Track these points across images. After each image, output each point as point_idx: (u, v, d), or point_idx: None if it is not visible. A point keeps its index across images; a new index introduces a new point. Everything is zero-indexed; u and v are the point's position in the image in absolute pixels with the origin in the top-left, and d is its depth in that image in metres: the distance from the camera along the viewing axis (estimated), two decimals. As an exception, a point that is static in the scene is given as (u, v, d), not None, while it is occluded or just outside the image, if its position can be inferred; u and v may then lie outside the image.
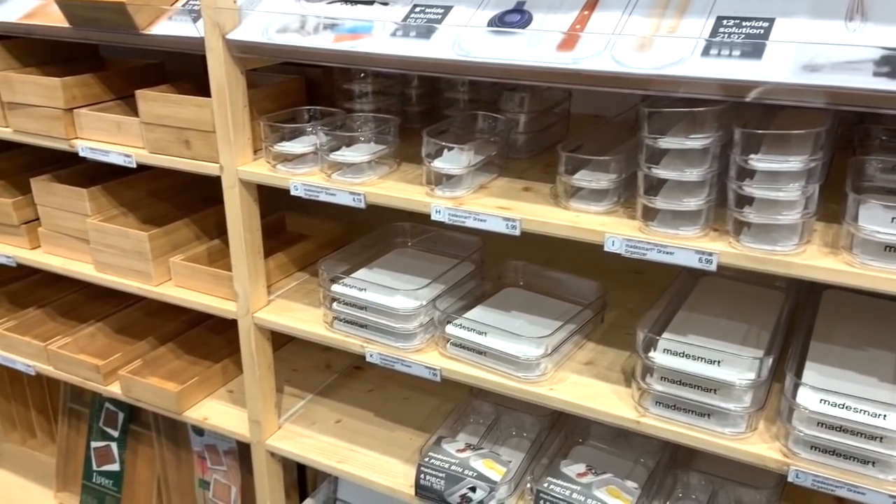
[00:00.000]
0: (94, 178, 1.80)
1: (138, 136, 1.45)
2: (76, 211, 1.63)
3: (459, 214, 1.16)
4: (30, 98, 1.51)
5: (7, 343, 1.85)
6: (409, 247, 1.59)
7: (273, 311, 1.47)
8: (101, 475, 2.13)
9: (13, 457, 2.41)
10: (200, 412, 1.66)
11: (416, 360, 1.30)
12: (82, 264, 1.67)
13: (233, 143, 1.33)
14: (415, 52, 1.11)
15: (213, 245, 1.66)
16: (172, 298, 1.55)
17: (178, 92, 1.46)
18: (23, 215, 1.73)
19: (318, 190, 1.28)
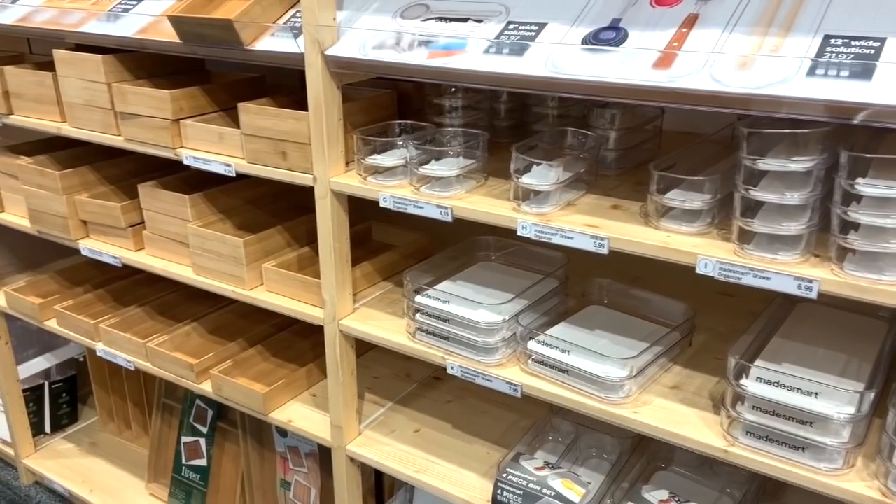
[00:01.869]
0: (195, 185, 1.89)
1: (238, 147, 1.52)
2: (178, 216, 1.72)
3: (546, 231, 1.16)
4: (141, 109, 1.60)
5: (110, 339, 1.97)
6: (492, 260, 1.59)
7: (358, 319, 1.51)
8: (190, 469, 2.22)
9: (109, 446, 2.55)
10: (285, 414, 1.71)
11: (497, 375, 1.31)
12: (182, 267, 1.75)
13: (327, 155, 1.38)
14: (508, 69, 1.12)
15: (302, 252, 1.72)
16: (263, 303, 1.61)
17: (277, 105, 1.52)
18: (129, 219, 1.83)
19: (407, 203, 1.30)
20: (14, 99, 1.89)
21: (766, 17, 1.03)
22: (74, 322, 2.03)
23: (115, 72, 1.66)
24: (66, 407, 2.64)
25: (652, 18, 1.09)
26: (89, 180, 1.93)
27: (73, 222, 1.89)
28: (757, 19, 1.03)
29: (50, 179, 1.87)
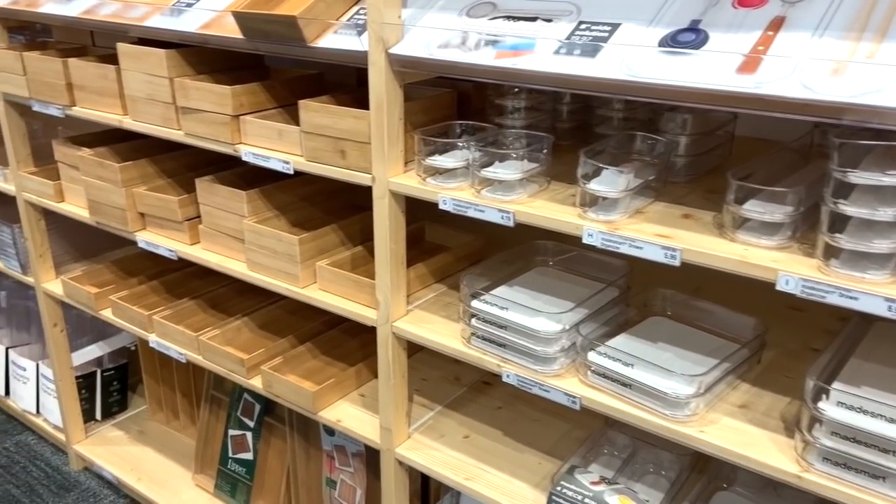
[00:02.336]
0: (251, 181, 1.89)
1: (297, 144, 1.51)
2: (234, 212, 1.72)
3: (613, 240, 1.12)
4: (202, 104, 1.60)
5: (163, 330, 1.98)
6: (550, 266, 1.55)
7: (411, 322, 1.48)
8: (236, 462, 2.23)
9: (157, 435, 2.58)
10: (334, 413, 1.69)
11: (555, 386, 1.27)
12: (236, 262, 1.76)
13: (386, 155, 1.35)
14: (579, 70, 1.08)
15: (356, 252, 1.70)
16: (316, 301, 1.60)
17: (337, 103, 1.50)
18: (186, 212, 1.84)
19: (467, 206, 1.27)
20: (77, 91, 1.92)
21: (858, 22, 0.97)
22: (129, 313, 2.06)
23: (177, 66, 1.67)
24: (116, 395, 2.68)
25: (735, 20, 1.04)
26: (148, 173, 1.95)
27: (132, 214, 1.91)
28: (849, 23, 0.97)
29: (110, 171, 1.89)
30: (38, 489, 2.45)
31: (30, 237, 2.27)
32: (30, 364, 2.62)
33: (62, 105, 1.95)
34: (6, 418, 2.81)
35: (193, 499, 2.29)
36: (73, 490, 2.45)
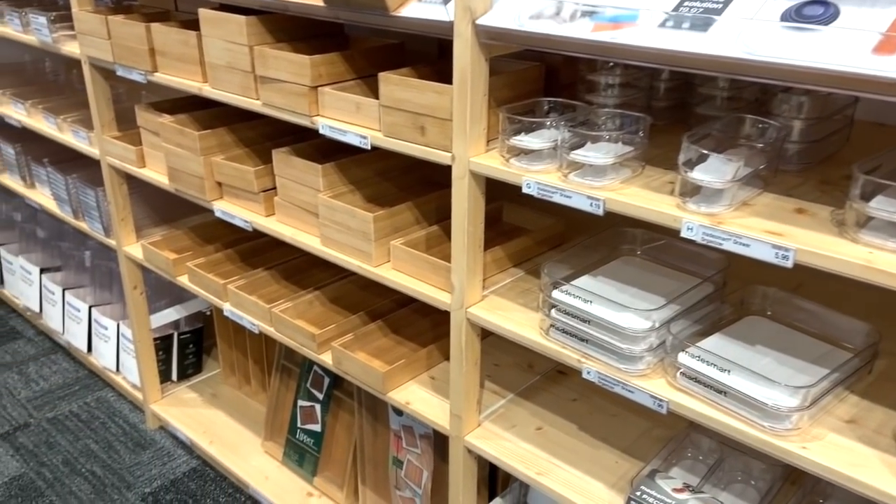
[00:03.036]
0: (327, 153, 1.85)
1: (375, 118, 1.45)
2: (309, 185, 1.68)
3: (716, 235, 1.02)
4: (280, 73, 1.56)
5: (238, 300, 1.98)
6: (637, 255, 1.46)
7: (487, 308, 1.42)
8: (305, 433, 2.24)
9: (229, 399, 2.62)
10: (403, 395, 1.66)
11: (640, 387, 1.18)
12: (309, 236, 1.73)
13: (468, 133, 1.28)
14: (688, 46, 0.97)
15: (431, 231, 1.64)
16: (389, 282, 1.55)
17: (418, 76, 1.43)
18: (262, 184, 1.82)
19: (553, 191, 1.19)
20: (159, 56, 1.91)
21: None
22: (205, 280, 2.07)
23: (257, 34, 1.63)
24: (192, 357, 2.73)
25: (873, -8, 0.91)
26: (226, 142, 1.94)
27: (209, 183, 1.91)
28: None
29: (189, 139, 1.89)
30: (116, 445, 2.53)
31: (112, 201, 2.31)
32: (111, 323, 2.70)
33: (144, 71, 1.95)
34: (88, 374, 2.92)
35: (262, 465, 2.32)
36: (148, 448, 2.52)
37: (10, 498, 2.29)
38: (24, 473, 2.39)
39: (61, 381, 2.88)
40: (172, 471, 2.42)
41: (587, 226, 1.70)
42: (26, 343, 3.12)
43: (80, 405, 2.74)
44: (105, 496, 2.31)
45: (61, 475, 2.39)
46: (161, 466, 2.44)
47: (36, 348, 3.08)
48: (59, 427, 2.62)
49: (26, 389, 2.82)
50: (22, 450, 2.50)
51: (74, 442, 2.54)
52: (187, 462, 2.46)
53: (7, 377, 2.89)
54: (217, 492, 2.34)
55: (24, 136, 2.89)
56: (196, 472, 2.41)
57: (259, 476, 2.28)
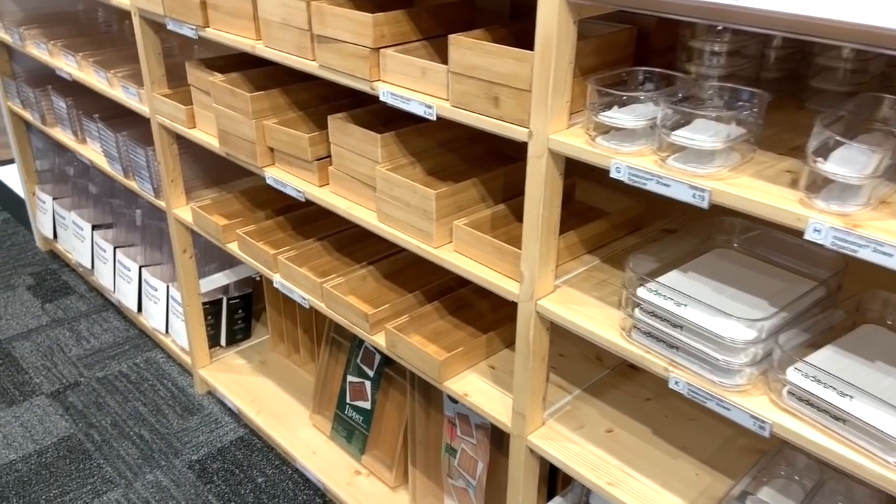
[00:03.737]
0: (387, 119, 1.72)
1: (443, 86, 1.30)
2: (367, 156, 1.55)
3: (851, 240, 0.85)
4: (339, 33, 1.42)
5: (288, 272, 1.89)
6: (734, 247, 1.29)
7: (559, 301, 1.28)
8: (353, 409, 2.16)
9: (278, 368, 2.56)
10: (461, 385, 1.54)
11: (738, 405, 1.04)
12: (365, 210, 1.61)
13: (549, 107, 1.13)
14: (832, 12, 0.80)
15: (497, 211, 1.50)
16: (450, 265, 1.43)
17: (492, 38, 1.28)
18: (316, 151, 1.70)
19: (648, 177, 1.03)
20: (211, 11, 1.79)
21: None
22: (254, 249, 1.98)
23: (314, -12, 1.49)
24: (240, 322, 2.67)
25: None
26: (279, 104, 1.82)
27: (261, 149, 1.80)
28: None
29: (241, 101, 1.77)
30: (164, 409, 2.50)
31: (162, 161, 2.22)
32: (161, 285, 2.65)
33: (195, 25, 1.83)
34: (139, 333, 2.89)
35: (309, 439, 2.25)
36: (196, 413, 2.48)
37: (59, 459, 2.29)
38: (73, 434, 2.38)
39: (112, 339, 2.86)
40: (220, 438, 2.38)
41: (669, 209, 1.54)
42: (78, 299, 3.11)
43: (130, 366, 2.71)
44: (152, 461, 2.28)
45: (109, 438, 2.37)
46: (208, 433, 2.40)
47: (87, 305, 3.07)
48: (108, 387, 2.60)
49: (77, 347, 2.81)
50: (71, 409, 2.49)
51: (123, 404, 2.52)
52: (234, 430, 2.41)
53: (59, 333, 2.89)
54: (264, 463, 2.29)
55: (76, 88, 2.82)
56: (243, 442, 2.37)
57: (306, 450, 2.21)
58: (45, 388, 2.59)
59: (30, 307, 3.05)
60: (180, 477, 2.23)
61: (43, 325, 2.93)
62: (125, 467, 2.26)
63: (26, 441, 2.35)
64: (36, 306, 3.06)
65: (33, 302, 3.08)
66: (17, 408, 2.50)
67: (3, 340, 2.84)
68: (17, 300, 3.09)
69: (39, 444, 2.34)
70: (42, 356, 2.76)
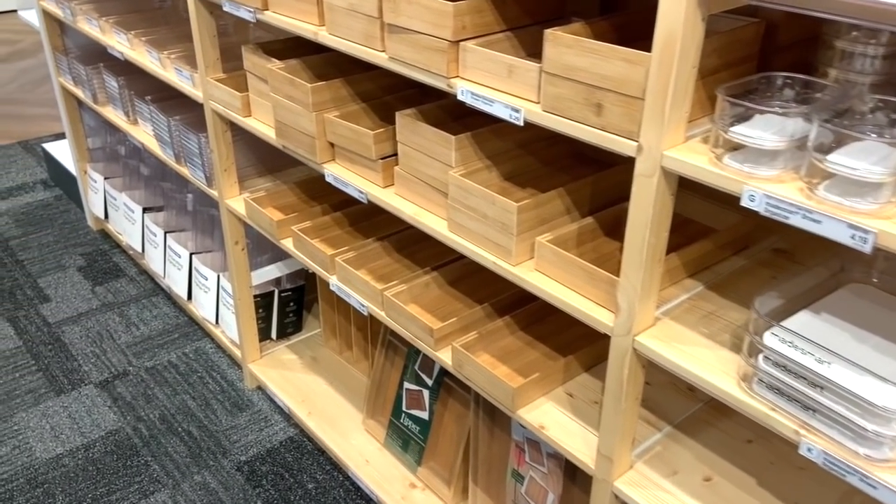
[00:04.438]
0: (459, 116, 1.56)
1: (533, 87, 1.14)
2: (438, 158, 1.40)
3: None
4: (414, 23, 1.26)
5: (346, 276, 1.76)
6: (872, 282, 1.11)
7: (661, 338, 1.12)
8: (410, 418, 2.04)
9: (330, 365, 2.45)
10: (537, 416, 1.40)
11: (887, 483, 0.87)
12: (434, 218, 1.46)
13: (666, 118, 0.96)
14: None
15: (584, 225, 1.34)
16: (530, 286, 1.27)
17: (592, 33, 1.11)
18: (381, 149, 1.55)
19: (792, 210, 0.86)
20: (270, -8, 1.65)
21: None
22: (310, 248, 1.85)
23: (386, -30, 1.33)
24: (292, 316, 2.57)
25: None
26: (341, 95, 1.67)
27: (321, 143, 1.66)
28: None
29: (301, 92, 1.63)
30: (213, 404, 2.42)
31: (215, 149, 2.11)
32: (212, 274, 2.56)
33: (254, 8, 1.69)
34: (188, 321, 2.82)
35: (362, 445, 2.14)
36: (245, 410, 2.39)
37: (106, 454, 2.22)
38: (121, 428, 2.32)
39: (161, 326, 2.79)
40: (269, 438, 2.29)
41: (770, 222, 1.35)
42: (128, 283, 3.05)
43: (179, 355, 2.64)
44: (200, 461, 2.20)
45: (157, 433, 2.30)
46: (258, 432, 2.31)
47: (138, 289, 3.01)
48: (157, 378, 2.53)
49: (126, 334, 2.75)
50: (120, 401, 2.43)
51: (172, 396, 2.45)
52: (284, 430, 2.32)
53: (108, 318, 2.83)
54: (314, 468, 2.19)
55: (129, 67, 2.73)
56: (293, 443, 2.27)
57: (359, 458, 2.10)
58: (94, 377, 2.53)
59: (80, 289, 3.00)
60: (229, 479, 2.15)
61: (93, 309, 2.88)
62: (173, 466, 2.19)
63: (74, 434, 2.30)
64: (86, 289, 3.01)
65: (84, 284, 3.04)
66: (65, 397, 2.44)
67: (53, 324, 2.79)
68: (68, 282, 3.05)
69: (87, 438, 2.28)
70: (91, 342, 2.70)
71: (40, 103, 4.98)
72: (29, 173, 3.97)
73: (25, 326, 2.77)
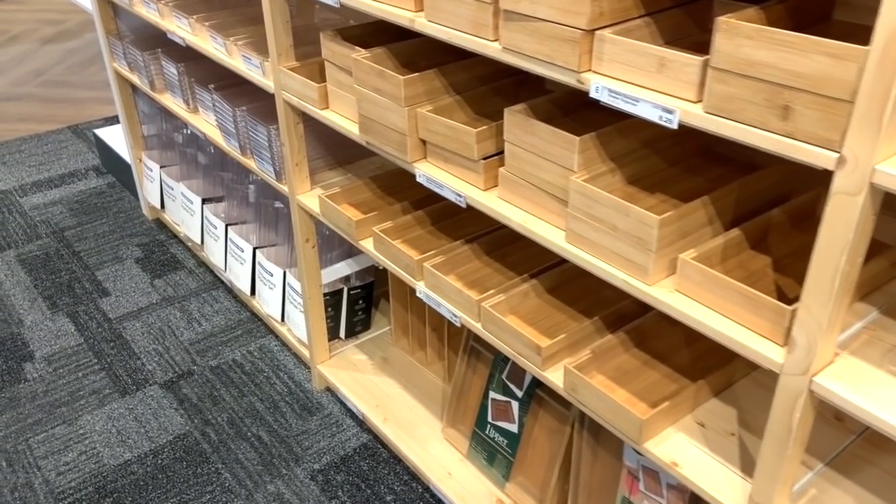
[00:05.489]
0: (568, 108, 1.40)
1: (691, 85, 0.97)
2: (556, 161, 1.24)
3: None
4: (539, 9, 1.10)
5: (435, 283, 1.62)
6: None
7: (843, 378, 0.96)
8: (496, 430, 1.91)
9: (402, 367, 2.33)
10: (666, 450, 1.25)
11: None
12: (547, 226, 1.31)
13: (883, 125, 0.78)
14: None
15: (731, 239, 1.17)
16: (671, 309, 1.12)
17: (767, 18, 0.93)
18: (483, 148, 1.40)
19: None
20: (354, -27, 1.50)
21: None
22: (394, 252, 1.71)
23: (503, -52, 1.16)
24: (361, 314, 2.45)
25: None
26: (434, 87, 1.52)
27: (412, 141, 1.51)
28: None
29: (391, 84, 1.48)
30: (282, 407, 2.32)
31: (287, 143, 1.97)
32: (277, 270, 2.45)
33: (334, -9, 1.54)
34: (251, 317, 2.72)
35: (443, 456, 2.02)
36: (315, 414, 2.29)
37: (176, 461, 2.14)
38: (189, 432, 2.23)
39: (224, 322, 2.70)
40: (342, 445, 2.18)
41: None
42: (187, 275, 2.96)
43: (244, 353, 2.54)
44: (272, 469, 2.11)
45: (227, 438, 2.21)
46: (330, 438, 2.20)
47: (197, 282, 2.92)
48: (222, 379, 2.44)
49: (189, 330, 2.66)
50: (186, 403, 2.34)
51: (239, 398, 2.35)
52: (357, 436, 2.21)
53: (170, 314, 2.74)
54: (391, 478, 2.08)
55: (188, 53, 2.60)
56: (367, 450, 2.16)
57: (440, 469, 1.98)
58: (159, 377, 2.45)
59: (139, 283, 2.92)
60: (303, 489, 2.05)
61: (153, 304, 2.80)
62: (245, 475, 2.09)
63: (141, 438, 2.22)
64: (145, 282, 2.93)
65: (142, 277, 2.95)
66: (130, 398, 2.37)
67: (114, 320, 2.72)
68: (126, 274, 2.97)
69: (155, 443, 2.20)
70: (154, 339, 2.62)
71: (88, 86, 4.92)
72: (80, 160, 3.90)
73: (86, 322, 2.70)
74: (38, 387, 2.41)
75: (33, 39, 5.80)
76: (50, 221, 3.33)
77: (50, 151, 3.99)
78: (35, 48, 5.63)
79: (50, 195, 3.55)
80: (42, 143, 4.08)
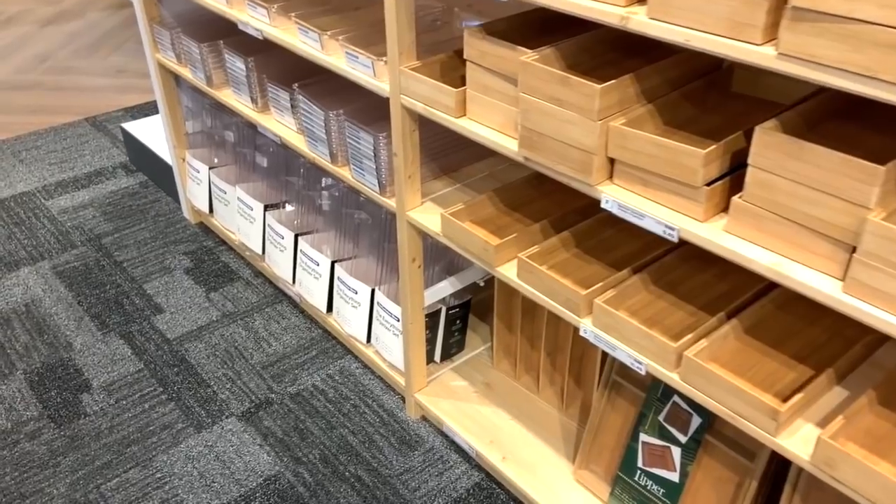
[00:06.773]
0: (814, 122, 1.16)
1: None
2: (840, 195, 1.00)
3: None
4: (862, 8, 0.85)
5: (609, 322, 1.38)
6: None
7: None
8: (649, 478, 1.69)
9: (508, 394, 2.10)
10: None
11: None
12: (812, 272, 1.07)
13: None
14: None
15: None
16: None
17: None
18: (709, 172, 1.16)
19: None
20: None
21: None
22: (548, 283, 1.47)
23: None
24: (457, 335, 2.22)
25: None
26: (627, 96, 1.27)
27: (599, 160, 1.26)
28: None
29: (579, 94, 1.23)
30: (377, 440, 2.08)
31: (401, 153, 1.72)
32: (363, 288, 2.20)
33: (495, -21, 1.28)
34: (324, 335, 2.47)
35: (578, 501, 1.80)
36: (417, 448, 2.06)
37: (274, 511, 1.91)
38: (280, 473, 1.99)
39: (295, 342, 2.44)
40: (452, 485, 1.95)
41: None
42: (245, 287, 2.70)
43: (323, 378, 2.30)
44: (382, 517, 1.88)
45: (323, 479, 1.97)
46: (437, 477, 1.98)
47: (257, 295, 2.65)
48: (305, 408, 2.19)
49: (258, 351, 2.41)
50: (270, 437, 2.10)
51: (328, 431, 2.11)
52: (467, 474, 1.98)
53: (234, 332, 2.49)
54: (517, 525, 1.86)
55: (255, 46, 2.32)
56: (482, 490, 1.94)
57: (579, 519, 1.77)
58: (235, 408, 2.20)
59: (193, 297, 2.65)
60: (421, 541, 1.82)
61: (213, 321, 2.54)
62: (353, 525, 1.87)
63: (227, 482, 1.98)
64: (200, 295, 2.66)
65: (196, 290, 2.69)
66: (207, 434, 2.12)
67: (173, 341, 2.46)
68: (178, 287, 2.70)
69: (244, 487, 1.96)
70: (221, 363, 2.37)
71: (99, 72, 4.58)
72: (105, 156, 3.60)
73: (143, 344, 2.44)
74: (102, 422, 2.15)
75: (31, 21, 5.42)
76: (83, 227, 3.05)
77: (70, 147, 3.68)
78: (34, 31, 5.26)
79: (78, 197, 3.25)
80: (60, 138, 3.77)
